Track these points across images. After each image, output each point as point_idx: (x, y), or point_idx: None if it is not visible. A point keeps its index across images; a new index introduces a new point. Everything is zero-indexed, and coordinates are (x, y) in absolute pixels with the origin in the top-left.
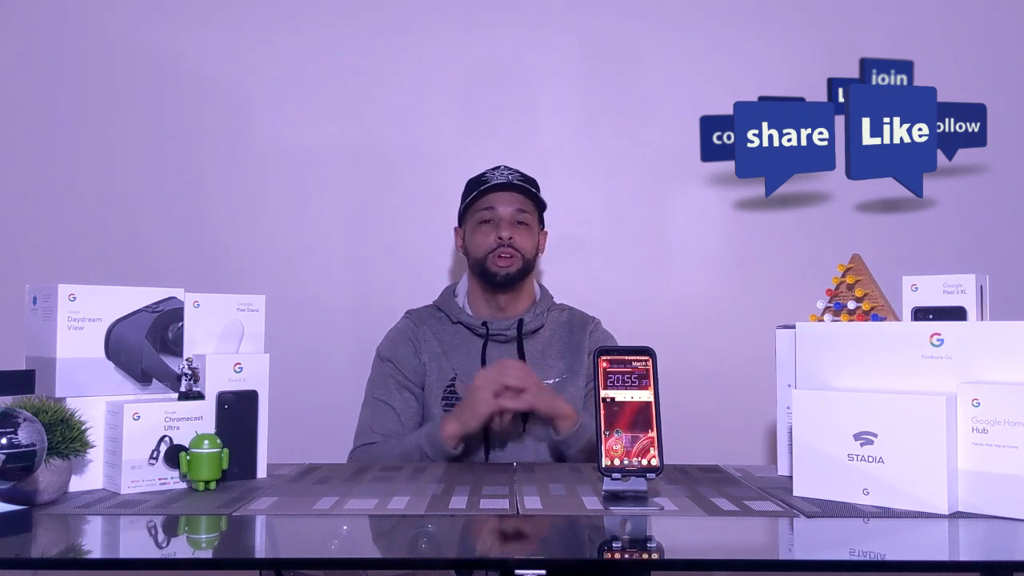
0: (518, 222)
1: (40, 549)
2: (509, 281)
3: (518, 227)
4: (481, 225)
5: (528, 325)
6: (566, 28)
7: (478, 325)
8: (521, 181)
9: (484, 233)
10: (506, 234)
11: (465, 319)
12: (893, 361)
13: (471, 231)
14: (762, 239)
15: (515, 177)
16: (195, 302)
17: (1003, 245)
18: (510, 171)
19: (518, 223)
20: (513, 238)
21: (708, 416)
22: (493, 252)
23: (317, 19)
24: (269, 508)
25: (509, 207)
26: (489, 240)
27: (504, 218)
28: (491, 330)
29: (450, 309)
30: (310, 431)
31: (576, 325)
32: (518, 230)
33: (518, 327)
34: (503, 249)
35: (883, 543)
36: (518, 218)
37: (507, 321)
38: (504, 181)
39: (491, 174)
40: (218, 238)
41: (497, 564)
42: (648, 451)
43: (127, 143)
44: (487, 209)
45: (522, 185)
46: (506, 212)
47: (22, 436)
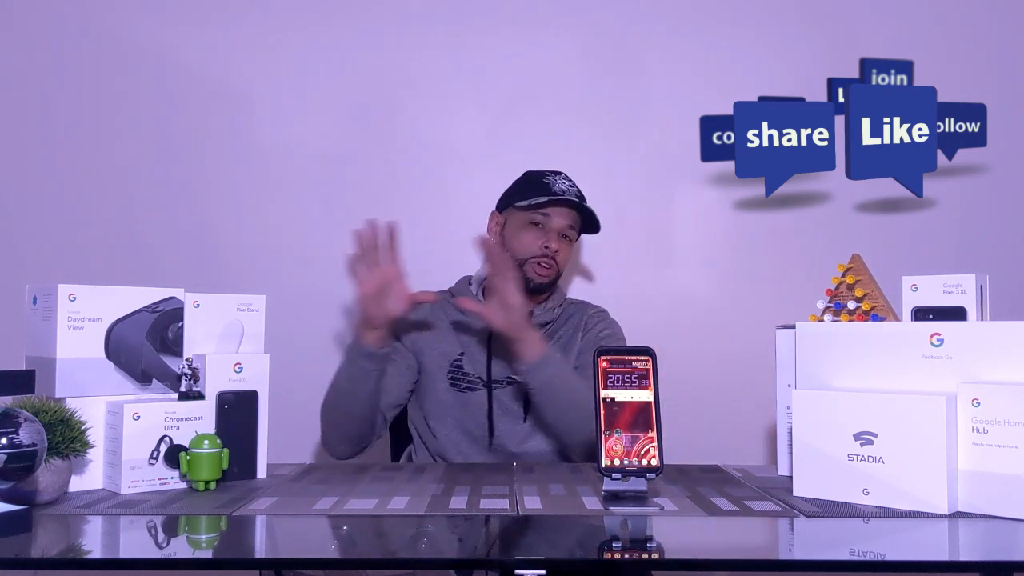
0: (564, 236)
1: (40, 549)
2: (541, 290)
3: (563, 240)
4: (531, 227)
5: (538, 318)
6: (566, 28)
7: None
8: (579, 196)
9: (532, 236)
10: (554, 247)
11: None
12: (893, 361)
13: (517, 227)
14: (762, 239)
15: (574, 192)
16: (195, 302)
17: (1003, 245)
18: (570, 182)
19: (564, 236)
20: (559, 251)
21: (708, 416)
22: (535, 259)
23: (318, 19)
24: (269, 508)
25: (564, 221)
26: (536, 246)
27: (556, 229)
28: None
29: (462, 295)
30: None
31: (576, 309)
32: (563, 243)
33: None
34: (546, 260)
35: (883, 543)
36: (566, 232)
37: None
38: (567, 194)
39: (552, 179)
40: (218, 238)
41: (497, 564)
42: (648, 451)
43: (127, 143)
44: (544, 215)
45: (584, 206)
46: (560, 224)
47: (23, 436)
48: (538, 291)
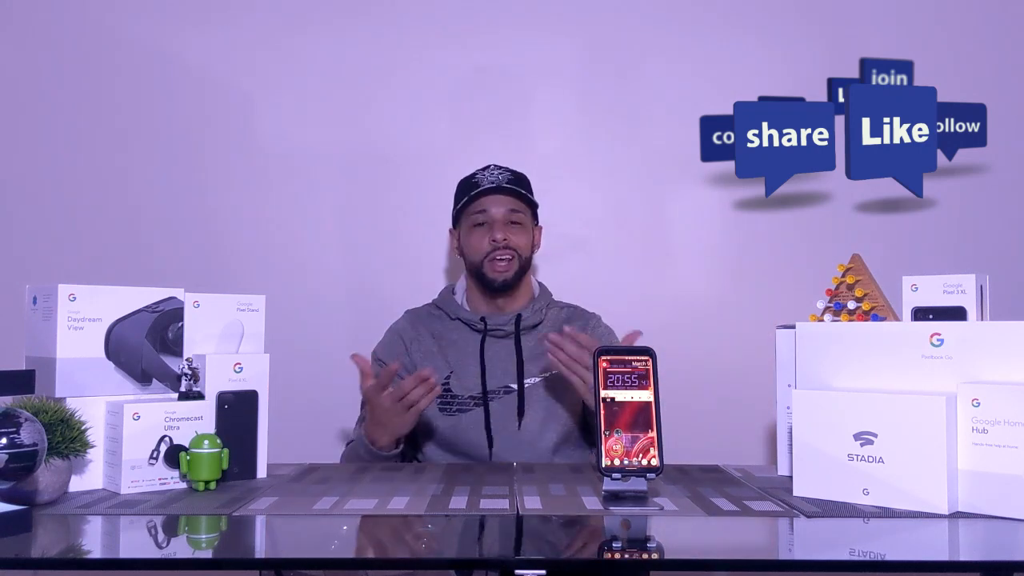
0: (511, 222)
1: (40, 549)
2: (507, 287)
3: (512, 227)
4: (475, 228)
5: (526, 320)
6: (566, 29)
7: (476, 320)
8: (511, 182)
9: (479, 236)
10: (500, 236)
11: (463, 315)
12: (893, 361)
13: (466, 234)
14: (762, 239)
15: (505, 178)
16: (195, 302)
17: (1003, 245)
18: (500, 170)
19: (511, 223)
20: (508, 239)
21: (708, 416)
22: (489, 255)
23: (317, 20)
24: (269, 508)
25: (502, 208)
26: (484, 243)
27: (497, 220)
28: (489, 325)
29: (448, 306)
30: (310, 431)
31: (575, 320)
32: (512, 230)
33: (516, 322)
34: (499, 252)
35: (883, 543)
36: (511, 218)
37: (505, 316)
38: (494, 183)
39: (481, 175)
40: (218, 238)
41: (497, 564)
42: (648, 451)
43: (127, 143)
44: (480, 212)
45: (512, 188)
46: (499, 214)
47: (24, 436)
48: (505, 288)
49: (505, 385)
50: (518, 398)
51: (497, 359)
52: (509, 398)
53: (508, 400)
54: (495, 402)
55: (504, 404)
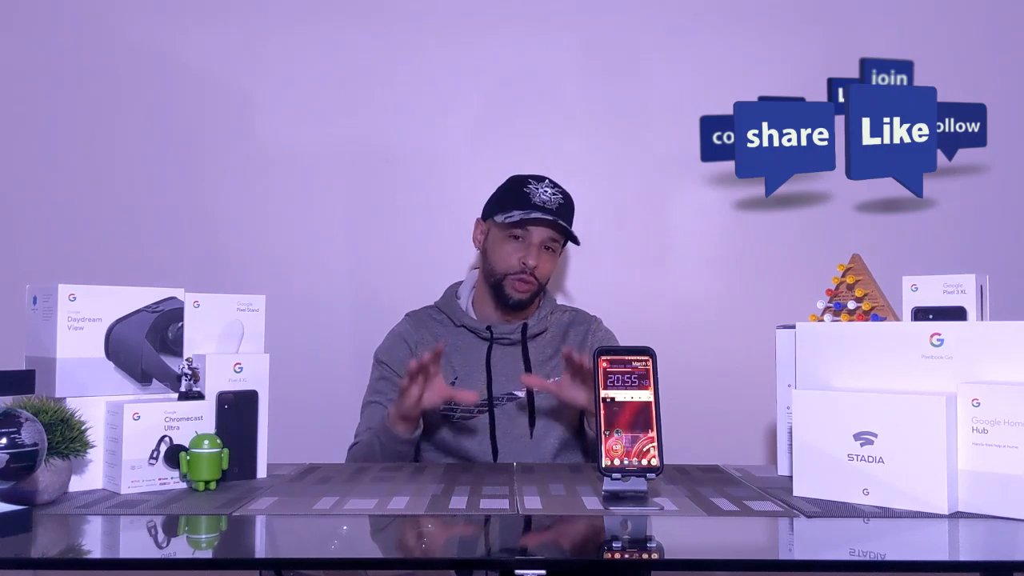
0: (547, 247)
1: (40, 549)
2: (522, 306)
3: (545, 253)
4: (510, 240)
5: (532, 329)
6: (566, 29)
7: (483, 329)
8: (561, 207)
9: (511, 250)
10: (532, 263)
11: (469, 323)
12: (893, 361)
13: (497, 240)
14: (762, 239)
15: (556, 201)
16: (195, 302)
17: (1003, 245)
18: (555, 191)
19: (546, 248)
20: (538, 267)
21: (708, 416)
22: (515, 275)
23: (318, 19)
24: (269, 508)
25: (544, 234)
26: (514, 260)
27: (535, 244)
28: (495, 334)
29: (452, 312)
30: (310, 431)
31: (578, 324)
32: (544, 256)
33: (522, 331)
34: (525, 275)
35: (883, 543)
36: (548, 244)
37: (512, 325)
38: (548, 207)
39: (535, 188)
40: (218, 238)
41: (497, 564)
42: (648, 451)
43: (127, 143)
44: (522, 228)
45: (560, 224)
46: (539, 238)
47: (24, 436)
48: (519, 307)
49: (508, 392)
50: (529, 406)
51: (502, 366)
52: (512, 405)
53: (511, 407)
54: (499, 409)
55: (508, 411)
